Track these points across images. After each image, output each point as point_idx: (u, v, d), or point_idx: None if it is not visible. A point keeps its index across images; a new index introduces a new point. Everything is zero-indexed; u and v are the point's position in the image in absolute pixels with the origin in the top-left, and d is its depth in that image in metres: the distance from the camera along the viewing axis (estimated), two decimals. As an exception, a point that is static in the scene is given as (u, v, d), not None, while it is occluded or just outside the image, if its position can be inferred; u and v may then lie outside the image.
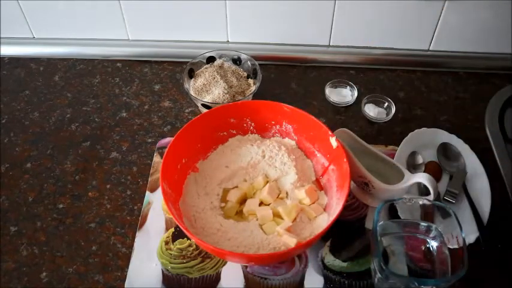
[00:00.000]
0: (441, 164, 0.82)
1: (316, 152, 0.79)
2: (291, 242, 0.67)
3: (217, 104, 0.85)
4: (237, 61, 0.95)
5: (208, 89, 0.90)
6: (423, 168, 0.81)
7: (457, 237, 0.63)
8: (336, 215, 0.64)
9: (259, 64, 0.92)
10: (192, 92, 0.90)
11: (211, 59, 0.94)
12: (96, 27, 1.02)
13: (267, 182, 0.77)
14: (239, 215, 0.74)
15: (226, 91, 0.88)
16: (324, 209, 0.74)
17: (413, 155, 0.82)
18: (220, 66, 0.94)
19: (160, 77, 1.01)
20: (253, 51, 0.97)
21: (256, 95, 0.91)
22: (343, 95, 0.95)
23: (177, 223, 0.64)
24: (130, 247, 0.74)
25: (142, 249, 0.73)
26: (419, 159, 0.82)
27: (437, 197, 0.73)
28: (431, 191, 0.69)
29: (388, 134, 0.89)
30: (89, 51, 1.04)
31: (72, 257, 0.73)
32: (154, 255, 0.73)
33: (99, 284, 0.70)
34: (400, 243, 0.69)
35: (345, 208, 0.72)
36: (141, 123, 0.92)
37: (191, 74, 0.93)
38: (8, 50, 1.05)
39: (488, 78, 0.98)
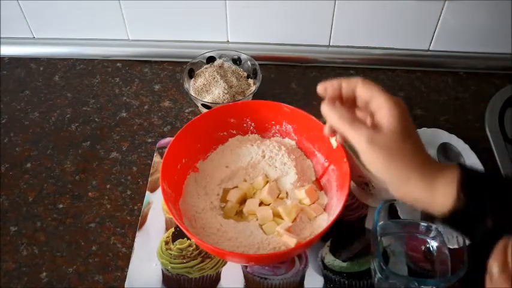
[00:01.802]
0: (441, 164, 0.82)
1: (316, 152, 0.79)
2: (291, 242, 0.67)
3: (217, 104, 0.85)
4: (237, 61, 0.95)
5: (208, 89, 0.90)
6: (423, 168, 0.81)
7: (457, 237, 0.63)
8: (336, 215, 0.64)
9: (259, 64, 0.92)
10: (192, 92, 0.90)
11: (211, 59, 0.94)
12: (96, 27, 1.02)
13: (267, 182, 0.77)
14: (239, 215, 0.74)
15: (226, 91, 0.88)
16: (324, 209, 0.74)
17: (413, 155, 0.82)
18: (220, 66, 0.94)
19: (160, 77, 1.01)
20: (253, 51, 0.97)
21: (256, 95, 0.91)
22: (343, 95, 0.95)
23: (177, 223, 0.64)
24: (130, 247, 0.74)
25: (143, 249, 0.73)
26: (419, 159, 0.82)
27: (437, 197, 0.73)
28: (431, 191, 0.69)
29: (388, 134, 0.89)
30: (89, 51, 1.04)
31: (72, 257, 0.73)
32: (154, 255, 0.73)
33: (99, 284, 0.70)
34: (400, 243, 0.69)
35: (345, 208, 0.72)
36: (141, 123, 0.92)
37: (191, 74, 0.93)
38: (8, 50, 1.05)
39: (488, 78, 0.98)
